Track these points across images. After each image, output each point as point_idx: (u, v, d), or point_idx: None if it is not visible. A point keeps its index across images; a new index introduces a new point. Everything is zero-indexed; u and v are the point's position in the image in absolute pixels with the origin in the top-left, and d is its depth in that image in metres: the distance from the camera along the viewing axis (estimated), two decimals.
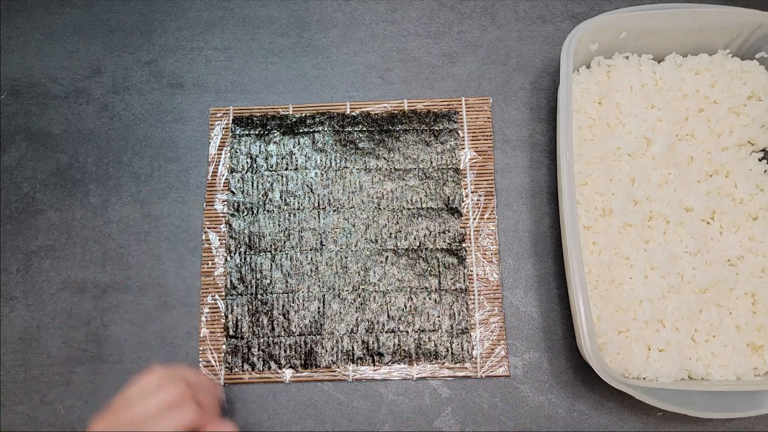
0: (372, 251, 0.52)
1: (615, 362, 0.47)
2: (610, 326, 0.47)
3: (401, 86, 0.57)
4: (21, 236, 0.54)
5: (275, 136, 0.55)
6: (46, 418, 0.50)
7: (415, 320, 0.51)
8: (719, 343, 0.47)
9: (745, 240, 0.49)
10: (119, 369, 0.51)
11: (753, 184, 0.50)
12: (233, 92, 0.57)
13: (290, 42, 0.58)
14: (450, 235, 0.53)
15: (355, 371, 0.50)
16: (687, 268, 0.48)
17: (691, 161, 0.51)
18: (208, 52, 0.58)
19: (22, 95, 0.57)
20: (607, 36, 0.51)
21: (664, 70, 0.53)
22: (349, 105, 0.56)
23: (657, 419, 0.49)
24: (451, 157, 0.54)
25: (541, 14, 0.58)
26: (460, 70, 0.57)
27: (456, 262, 0.52)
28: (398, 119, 0.55)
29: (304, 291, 0.52)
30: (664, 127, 0.51)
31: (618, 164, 0.50)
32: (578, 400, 0.50)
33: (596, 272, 0.48)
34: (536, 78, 0.57)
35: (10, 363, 0.51)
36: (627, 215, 0.49)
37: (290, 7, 0.59)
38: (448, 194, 0.53)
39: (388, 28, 0.58)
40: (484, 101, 0.56)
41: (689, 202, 0.49)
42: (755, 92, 0.52)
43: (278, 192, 0.53)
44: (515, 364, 0.51)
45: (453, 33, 0.58)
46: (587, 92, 0.52)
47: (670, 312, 0.47)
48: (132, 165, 0.55)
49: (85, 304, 0.52)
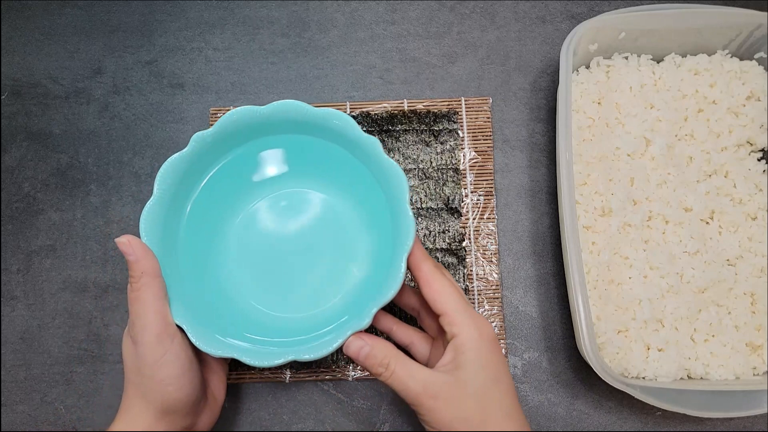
0: None
1: (614, 362, 0.47)
2: (609, 326, 0.47)
3: (401, 86, 0.57)
4: (22, 236, 0.54)
5: None
6: (46, 417, 0.50)
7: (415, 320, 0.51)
8: (718, 342, 0.47)
9: (744, 240, 0.49)
10: (120, 369, 0.51)
11: (752, 184, 0.50)
12: (233, 92, 0.57)
13: (290, 42, 0.58)
14: (450, 234, 0.53)
15: (355, 370, 0.50)
16: (686, 267, 0.48)
17: (690, 161, 0.51)
18: (208, 52, 0.58)
19: (23, 95, 0.57)
20: (607, 36, 0.52)
21: (664, 71, 0.53)
22: (349, 105, 0.56)
23: (656, 419, 0.49)
24: (450, 157, 0.54)
25: (540, 14, 0.58)
26: (459, 71, 0.57)
27: (456, 262, 0.52)
28: (398, 119, 0.55)
29: None
30: (664, 128, 0.51)
31: (617, 164, 0.50)
32: (578, 400, 0.50)
33: (595, 272, 0.48)
34: (536, 78, 0.57)
35: (11, 362, 0.51)
36: (626, 215, 0.49)
37: (290, 8, 0.59)
38: (448, 194, 0.53)
39: (388, 28, 0.58)
40: (484, 101, 0.56)
41: (688, 202, 0.50)
42: (754, 92, 0.52)
43: None
44: (515, 364, 0.51)
45: (453, 33, 0.58)
46: (586, 92, 0.52)
47: (670, 312, 0.47)
48: (132, 165, 0.55)
49: (85, 303, 0.52)
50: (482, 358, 0.36)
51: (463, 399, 0.35)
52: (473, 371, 0.35)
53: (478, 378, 0.35)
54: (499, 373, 0.36)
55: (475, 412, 0.35)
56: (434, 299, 0.37)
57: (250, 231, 0.45)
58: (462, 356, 0.35)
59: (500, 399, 0.36)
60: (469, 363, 0.35)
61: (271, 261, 0.44)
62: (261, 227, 0.45)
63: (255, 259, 0.44)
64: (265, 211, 0.45)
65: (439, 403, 0.34)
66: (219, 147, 0.42)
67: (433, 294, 0.37)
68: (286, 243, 0.44)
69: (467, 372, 0.35)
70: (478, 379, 0.35)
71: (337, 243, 0.44)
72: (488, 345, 0.36)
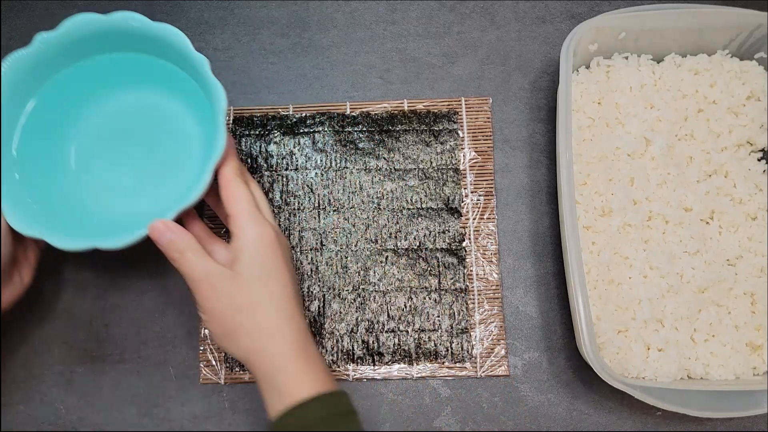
0: (372, 251, 0.52)
1: (614, 362, 0.47)
2: (609, 326, 0.47)
3: (401, 86, 0.57)
4: None
5: (275, 136, 0.55)
6: (46, 417, 0.50)
7: (414, 320, 0.51)
8: (718, 342, 0.47)
9: (744, 240, 0.49)
10: (120, 368, 0.51)
11: (752, 184, 0.50)
12: (233, 92, 0.57)
13: (290, 42, 0.58)
14: (450, 235, 0.53)
15: (355, 371, 0.50)
16: (686, 267, 0.48)
17: (690, 161, 0.51)
18: (208, 52, 0.58)
19: None
20: (607, 36, 0.52)
21: (664, 71, 0.53)
22: (349, 105, 0.56)
23: (656, 419, 0.49)
24: (450, 157, 0.54)
25: (540, 14, 0.58)
26: (459, 71, 0.57)
27: (456, 262, 0.52)
28: (398, 119, 0.55)
29: (304, 290, 0.52)
30: (664, 127, 0.51)
31: (617, 164, 0.50)
32: (578, 400, 0.50)
33: (595, 272, 0.48)
34: (536, 78, 0.57)
35: (11, 362, 0.51)
36: (626, 215, 0.49)
37: (290, 8, 0.59)
38: (448, 194, 0.53)
39: (388, 28, 0.58)
40: (484, 101, 0.56)
41: (688, 202, 0.50)
42: (754, 92, 0.52)
43: (278, 192, 0.54)
44: (515, 364, 0.51)
45: (453, 33, 0.58)
46: (587, 92, 0.52)
47: (670, 312, 0.47)
48: None
49: (85, 303, 0.52)
50: (259, 257, 0.40)
51: (236, 290, 0.39)
52: (249, 267, 0.39)
53: (253, 273, 0.39)
54: (274, 271, 0.40)
55: (247, 302, 0.39)
56: (227, 201, 0.41)
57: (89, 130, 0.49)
58: (241, 253, 0.40)
59: (272, 293, 0.40)
60: (246, 260, 0.40)
61: (106, 159, 0.49)
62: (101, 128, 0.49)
63: (94, 154, 0.49)
64: (106, 115, 0.49)
65: (215, 293, 0.39)
66: (65, 53, 0.46)
67: (227, 196, 0.41)
68: (120, 143, 0.49)
69: (243, 267, 0.39)
70: (252, 275, 0.39)
71: (166, 149, 0.48)
72: (267, 246, 0.40)
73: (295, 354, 0.39)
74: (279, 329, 0.40)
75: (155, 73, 0.47)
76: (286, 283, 0.41)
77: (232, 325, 0.39)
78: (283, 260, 0.41)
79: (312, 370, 0.39)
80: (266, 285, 0.40)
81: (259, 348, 0.39)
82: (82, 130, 0.49)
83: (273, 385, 0.39)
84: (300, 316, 0.41)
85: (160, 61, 0.46)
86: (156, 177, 0.48)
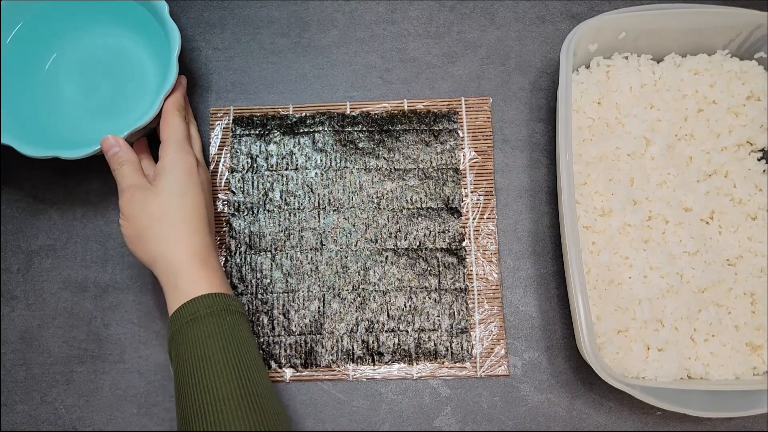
0: (372, 251, 0.52)
1: (614, 362, 0.47)
2: (609, 326, 0.47)
3: (401, 86, 0.57)
4: (22, 236, 0.54)
5: (275, 136, 0.55)
6: (46, 417, 0.50)
7: (414, 320, 0.51)
8: (718, 342, 0.47)
9: (744, 240, 0.49)
10: (120, 368, 0.51)
11: (752, 184, 0.50)
12: (233, 92, 0.57)
13: (290, 42, 0.58)
14: (450, 234, 0.53)
15: (355, 370, 0.50)
16: (686, 267, 0.48)
17: (690, 161, 0.51)
18: (208, 52, 0.58)
19: None
20: (607, 36, 0.52)
21: (664, 71, 0.53)
22: (349, 105, 0.56)
23: (656, 419, 0.49)
24: (450, 157, 0.54)
25: (540, 14, 0.58)
26: (459, 70, 0.57)
27: (456, 262, 0.52)
28: (398, 119, 0.55)
29: (304, 290, 0.52)
30: (664, 127, 0.51)
31: (617, 164, 0.50)
32: (577, 400, 0.50)
33: (595, 272, 0.48)
34: (536, 78, 0.57)
35: (11, 362, 0.51)
36: (626, 215, 0.49)
37: (290, 8, 0.59)
38: (448, 194, 0.53)
39: (388, 28, 0.58)
40: (484, 101, 0.56)
41: (688, 202, 0.50)
42: (754, 92, 0.52)
43: (278, 192, 0.54)
44: (515, 364, 0.51)
45: (453, 33, 0.58)
46: (587, 92, 0.52)
47: (670, 312, 0.47)
48: None
49: (85, 303, 0.52)
50: (176, 177, 0.46)
51: (151, 200, 0.45)
52: (166, 184, 0.45)
53: (168, 189, 0.45)
54: (188, 192, 0.46)
55: (158, 212, 0.45)
56: (161, 128, 0.48)
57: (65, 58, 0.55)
58: (162, 171, 0.46)
59: (182, 208, 0.45)
60: (165, 177, 0.46)
61: (76, 84, 0.55)
62: (75, 58, 0.55)
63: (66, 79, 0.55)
64: (81, 47, 0.55)
65: (133, 200, 0.45)
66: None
67: (162, 125, 0.48)
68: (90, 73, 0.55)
69: (161, 183, 0.45)
70: (166, 190, 0.45)
71: (128, 81, 0.54)
72: (185, 171, 0.46)
73: (195, 261, 0.44)
74: (184, 239, 0.45)
75: (128, 16, 0.54)
76: (197, 203, 0.46)
77: (142, 230, 0.45)
78: (199, 187, 0.47)
79: (210, 276, 0.44)
80: (178, 201, 0.45)
81: (164, 252, 0.44)
82: (58, 56, 0.55)
83: (172, 286, 0.44)
84: (207, 234, 0.46)
85: (135, 5, 0.53)
86: (117, 105, 0.54)
